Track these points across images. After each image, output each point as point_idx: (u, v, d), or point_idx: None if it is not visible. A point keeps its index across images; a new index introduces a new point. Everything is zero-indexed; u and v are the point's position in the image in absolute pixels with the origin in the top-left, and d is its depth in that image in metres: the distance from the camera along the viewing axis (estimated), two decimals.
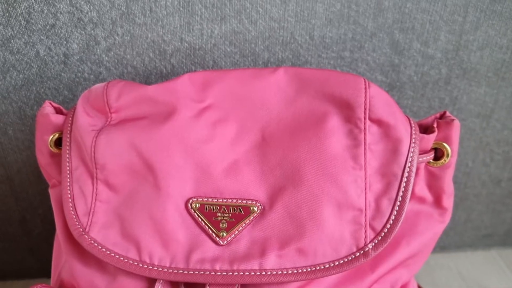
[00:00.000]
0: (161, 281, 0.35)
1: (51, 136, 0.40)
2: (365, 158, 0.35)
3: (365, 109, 0.36)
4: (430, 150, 0.38)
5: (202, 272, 0.34)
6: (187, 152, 0.36)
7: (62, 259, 0.41)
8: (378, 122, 0.36)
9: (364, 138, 0.36)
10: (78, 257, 0.38)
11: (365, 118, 0.36)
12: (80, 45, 0.47)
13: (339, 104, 0.36)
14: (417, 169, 0.38)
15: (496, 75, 0.54)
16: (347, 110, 0.36)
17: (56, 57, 0.48)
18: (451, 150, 0.38)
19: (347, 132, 0.36)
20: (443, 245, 0.70)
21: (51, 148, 0.40)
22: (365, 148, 0.36)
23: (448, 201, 0.40)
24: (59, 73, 0.49)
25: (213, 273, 0.34)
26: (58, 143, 0.40)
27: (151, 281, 0.35)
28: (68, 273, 0.39)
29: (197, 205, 0.35)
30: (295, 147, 0.36)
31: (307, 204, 0.35)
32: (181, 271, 0.34)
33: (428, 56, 0.52)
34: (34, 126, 0.52)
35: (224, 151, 0.37)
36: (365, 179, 0.35)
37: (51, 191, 0.41)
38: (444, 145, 0.38)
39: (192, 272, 0.34)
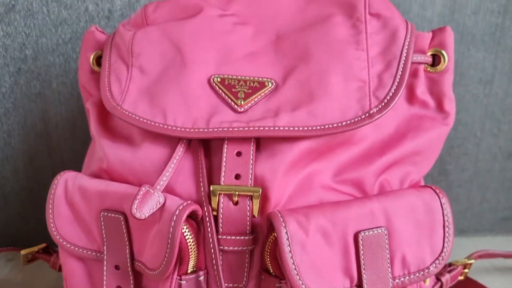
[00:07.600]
0: (182, 144, 0.38)
1: (93, 54, 0.46)
2: (366, 43, 0.40)
3: (365, 6, 0.42)
4: (428, 55, 0.43)
5: (221, 129, 0.37)
6: (212, 38, 0.42)
7: (92, 160, 0.45)
8: (377, 16, 0.41)
9: (365, 28, 0.41)
10: (108, 136, 0.41)
11: (365, 13, 0.41)
12: (123, 2, 0.56)
13: (343, 5, 0.42)
14: (417, 71, 0.42)
15: (492, 40, 0.60)
16: (349, 9, 0.42)
17: (102, 13, 0.56)
18: (447, 54, 0.43)
19: (350, 25, 0.41)
20: (461, 228, 0.69)
21: (92, 66, 0.46)
22: (366, 35, 0.41)
23: (450, 106, 0.43)
24: (104, 28, 0.57)
25: (231, 129, 0.37)
26: (98, 63, 0.47)
27: (173, 147, 0.39)
28: (97, 160, 0.42)
29: (218, 79, 0.40)
30: (305, 36, 0.41)
31: (316, 76, 0.39)
32: (202, 129, 0.37)
33: (426, 19, 0.58)
34: (76, 79, 0.59)
35: (244, 44, 0.42)
36: (367, 59, 0.40)
37: (87, 103, 0.46)
38: (440, 51, 0.43)
39: (211, 129, 0.37)
